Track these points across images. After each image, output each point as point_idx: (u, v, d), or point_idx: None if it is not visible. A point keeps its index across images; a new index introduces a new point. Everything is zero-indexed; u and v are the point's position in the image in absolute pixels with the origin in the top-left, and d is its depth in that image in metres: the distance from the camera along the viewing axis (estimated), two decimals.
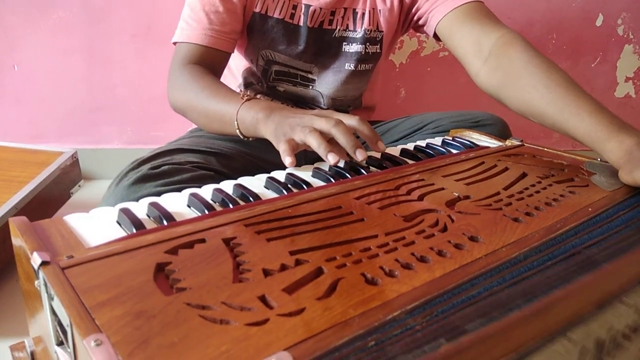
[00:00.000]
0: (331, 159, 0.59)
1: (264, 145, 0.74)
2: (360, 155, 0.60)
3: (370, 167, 0.65)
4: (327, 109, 1.03)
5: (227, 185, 0.56)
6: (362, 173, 0.61)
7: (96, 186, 1.38)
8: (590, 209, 0.50)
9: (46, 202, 1.00)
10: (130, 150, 1.46)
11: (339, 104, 1.04)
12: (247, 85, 1.04)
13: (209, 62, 0.88)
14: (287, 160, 0.60)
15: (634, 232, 0.45)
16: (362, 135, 0.65)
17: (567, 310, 0.35)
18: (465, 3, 0.89)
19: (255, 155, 0.89)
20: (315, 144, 0.60)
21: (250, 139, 0.77)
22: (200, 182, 0.73)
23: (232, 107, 0.75)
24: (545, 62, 0.75)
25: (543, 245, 0.42)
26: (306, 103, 1.03)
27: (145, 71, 1.40)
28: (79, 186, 1.12)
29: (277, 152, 0.64)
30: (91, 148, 1.45)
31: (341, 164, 0.63)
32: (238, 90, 1.03)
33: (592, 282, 0.37)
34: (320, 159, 0.62)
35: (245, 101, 0.75)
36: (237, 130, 0.76)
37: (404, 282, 0.36)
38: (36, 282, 0.37)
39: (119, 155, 1.45)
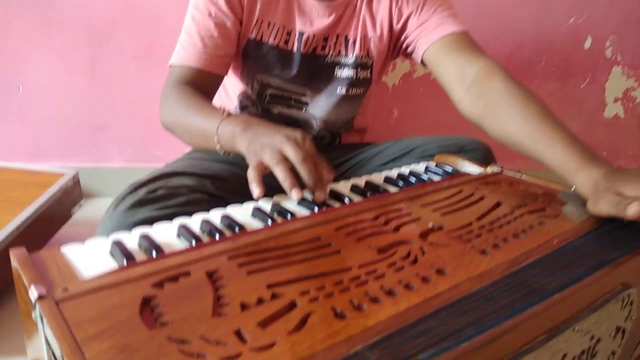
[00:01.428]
0: (294, 195, 0.62)
1: None
2: (317, 197, 0.63)
3: (355, 195, 0.68)
4: (320, 131, 1.07)
5: (216, 215, 0.60)
6: (345, 202, 0.64)
7: (97, 204, 1.42)
8: (555, 241, 0.53)
9: (48, 222, 1.03)
10: (130, 169, 1.50)
11: (330, 127, 1.08)
12: (242, 107, 1.08)
13: (201, 84, 0.91)
14: (254, 191, 0.63)
15: (586, 261, 0.48)
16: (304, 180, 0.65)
17: (518, 340, 0.38)
18: (451, 33, 0.93)
19: None
20: (281, 177, 0.63)
21: (231, 154, 0.79)
22: (194, 205, 0.77)
23: (213, 123, 0.78)
24: (524, 93, 0.78)
25: (504, 278, 0.45)
26: (299, 125, 1.07)
27: (145, 91, 1.44)
28: (80, 205, 1.15)
29: (270, 174, 0.66)
30: (92, 166, 1.49)
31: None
32: (234, 112, 1.07)
33: (541, 312, 0.40)
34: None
35: (226, 117, 0.77)
36: (218, 145, 0.78)
37: (370, 316, 0.39)
38: (33, 314, 0.40)
39: (119, 174, 1.49)
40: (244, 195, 0.85)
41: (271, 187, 0.65)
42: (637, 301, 0.52)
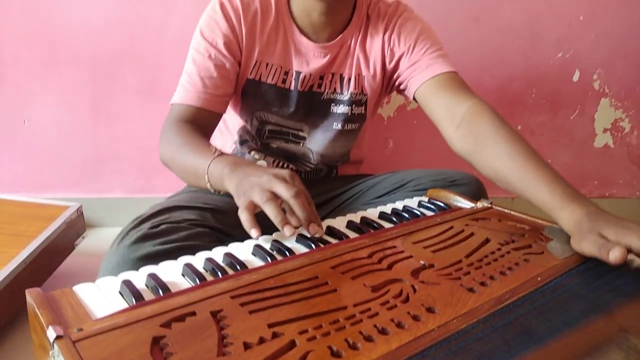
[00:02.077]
0: (287, 232, 0.65)
1: None
2: (312, 230, 0.66)
3: (350, 231, 0.71)
4: (317, 164, 1.11)
5: (218, 253, 0.63)
6: (341, 238, 0.68)
7: (99, 234, 1.45)
8: (539, 279, 0.57)
9: (52, 255, 1.06)
10: (131, 199, 1.53)
11: (327, 160, 1.12)
12: (242, 142, 1.12)
13: (200, 122, 0.95)
14: (252, 233, 0.66)
15: (578, 303, 0.51)
16: (298, 214, 0.67)
17: None
18: (441, 73, 0.97)
19: None
20: (272, 215, 0.66)
21: (221, 192, 0.81)
22: (196, 239, 0.80)
23: (204, 162, 0.81)
24: (510, 133, 0.82)
25: (490, 316, 0.48)
26: (297, 159, 1.11)
27: (147, 124, 1.48)
28: (83, 237, 1.18)
29: (261, 212, 0.68)
30: (94, 197, 1.52)
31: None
32: (234, 146, 1.11)
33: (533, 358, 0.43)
34: None
35: (216, 157, 0.80)
36: (208, 184, 0.81)
37: (363, 355, 0.42)
38: (50, 352, 0.43)
39: (120, 204, 1.53)
40: (243, 228, 0.89)
41: (264, 227, 0.68)
42: None
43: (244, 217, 0.67)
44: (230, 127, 1.12)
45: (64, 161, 1.50)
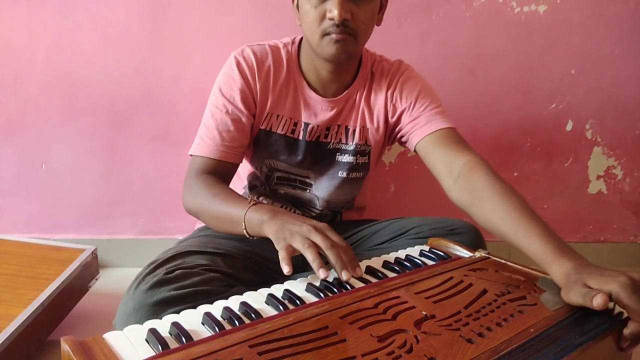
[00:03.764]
0: (322, 274, 0.73)
1: (265, 244, 0.87)
2: (345, 276, 0.73)
3: (356, 280, 0.76)
4: (322, 210, 1.16)
5: (234, 302, 0.68)
6: (348, 288, 0.72)
7: (110, 274, 1.49)
8: (532, 330, 0.61)
9: (67, 296, 1.10)
10: (142, 240, 1.58)
11: (332, 206, 1.18)
12: (251, 187, 1.18)
13: (219, 172, 1.02)
14: (285, 268, 0.74)
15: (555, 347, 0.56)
16: (331, 263, 0.77)
17: None
18: (440, 129, 1.04)
19: (257, 253, 1.01)
20: (311, 259, 0.74)
21: (255, 238, 0.89)
22: (208, 284, 0.85)
23: (241, 210, 0.89)
24: (504, 188, 0.88)
25: None
26: (304, 204, 1.17)
27: (160, 169, 1.55)
28: (96, 279, 1.23)
29: (276, 251, 0.77)
30: (106, 238, 1.57)
31: (330, 278, 0.75)
32: (243, 191, 1.17)
33: None
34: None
35: (252, 205, 0.89)
36: (244, 230, 0.89)
37: None
38: None
39: (131, 245, 1.57)
40: (251, 271, 0.97)
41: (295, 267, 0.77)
42: None
43: (283, 255, 0.76)
44: (240, 173, 1.18)
45: (78, 203, 1.55)
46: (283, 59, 1.06)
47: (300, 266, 0.82)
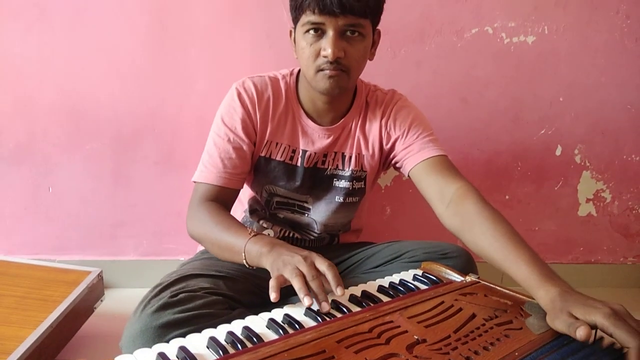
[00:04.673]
0: (306, 301, 0.77)
1: (264, 269, 0.91)
2: (324, 307, 0.78)
3: (353, 304, 0.81)
4: (320, 233, 1.21)
5: (237, 326, 0.72)
6: (345, 312, 0.77)
7: (114, 295, 1.53)
8: (517, 353, 0.66)
9: (74, 318, 1.14)
10: (145, 261, 1.62)
11: (330, 230, 1.22)
12: (252, 211, 1.22)
13: (222, 198, 1.07)
14: (272, 295, 0.80)
15: None
16: (328, 278, 0.83)
17: None
18: (432, 157, 1.09)
19: (257, 275, 1.04)
20: (297, 287, 0.80)
21: (254, 267, 0.94)
22: (211, 307, 0.89)
23: (241, 241, 0.94)
24: (493, 215, 0.93)
25: None
26: (302, 228, 1.21)
27: (164, 191, 1.59)
28: (101, 301, 1.26)
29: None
30: (110, 259, 1.61)
31: (314, 307, 0.79)
32: (244, 214, 1.21)
33: None
34: None
35: (252, 237, 0.94)
36: (244, 261, 0.94)
37: None
38: None
39: (134, 266, 1.61)
40: (252, 294, 1.02)
41: (284, 296, 0.81)
42: None
43: (272, 283, 0.81)
44: (241, 197, 1.22)
45: (82, 226, 1.60)
46: (282, 90, 1.12)
47: (294, 292, 0.86)
